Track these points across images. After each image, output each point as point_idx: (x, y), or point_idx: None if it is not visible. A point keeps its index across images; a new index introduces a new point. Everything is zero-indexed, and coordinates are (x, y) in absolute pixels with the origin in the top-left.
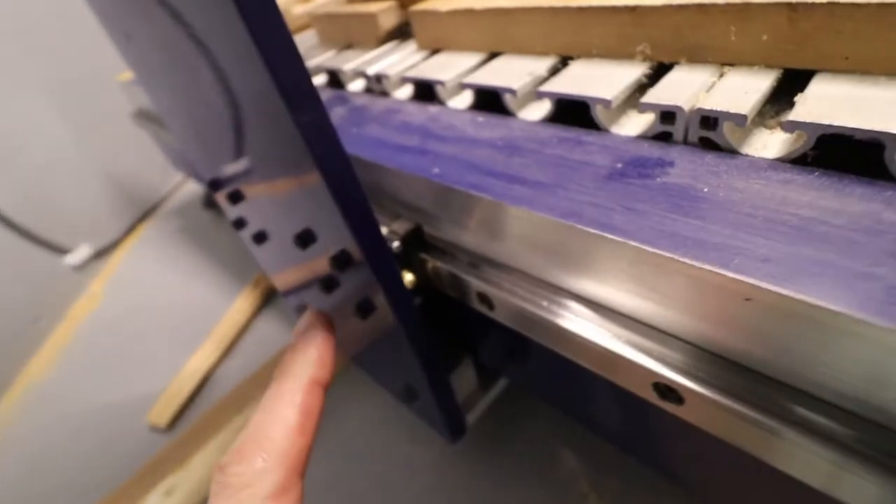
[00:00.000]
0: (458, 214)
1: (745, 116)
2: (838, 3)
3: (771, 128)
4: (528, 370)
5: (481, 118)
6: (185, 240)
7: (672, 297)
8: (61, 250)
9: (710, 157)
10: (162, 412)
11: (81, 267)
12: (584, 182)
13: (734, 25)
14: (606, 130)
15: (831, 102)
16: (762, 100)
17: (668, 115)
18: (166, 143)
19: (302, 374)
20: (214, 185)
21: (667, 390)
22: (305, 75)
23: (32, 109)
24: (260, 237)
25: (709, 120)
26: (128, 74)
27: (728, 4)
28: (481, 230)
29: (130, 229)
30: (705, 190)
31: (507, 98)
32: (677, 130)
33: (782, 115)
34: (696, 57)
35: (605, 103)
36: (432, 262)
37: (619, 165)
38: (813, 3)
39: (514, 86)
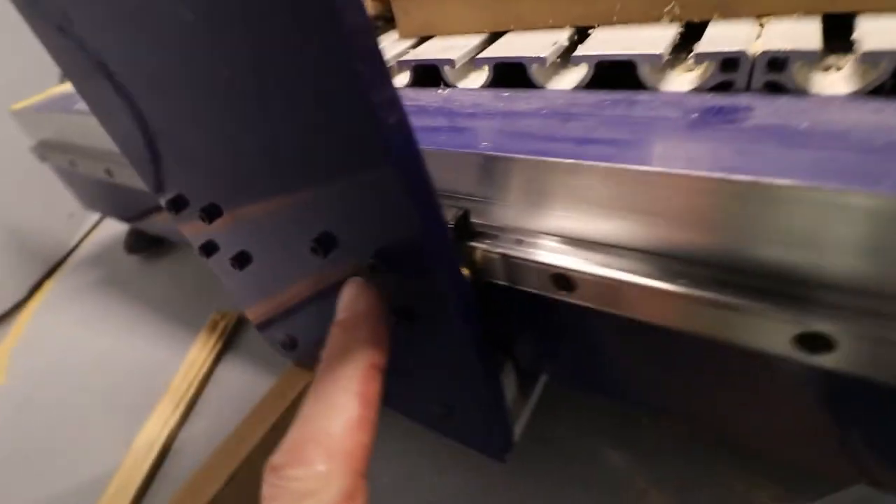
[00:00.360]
0: (523, 188)
1: (816, 52)
2: None
3: (823, 69)
4: (594, 360)
5: (506, 93)
6: (109, 292)
7: (834, 234)
8: None
9: (785, 100)
10: (116, 499)
11: None
12: (668, 134)
13: None
14: (655, 89)
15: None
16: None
17: (728, 62)
18: (83, 175)
19: (359, 356)
20: (177, 203)
21: (812, 339)
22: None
23: None
24: (241, 260)
25: (776, 62)
26: (26, 102)
27: None
28: (557, 202)
29: (35, 288)
30: (805, 125)
31: (535, 69)
32: (740, 77)
33: (826, 58)
34: (730, 11)
35: (656, 59)
36: (483, 251)
37: (695, 116)
38: None
39: (543, 55)
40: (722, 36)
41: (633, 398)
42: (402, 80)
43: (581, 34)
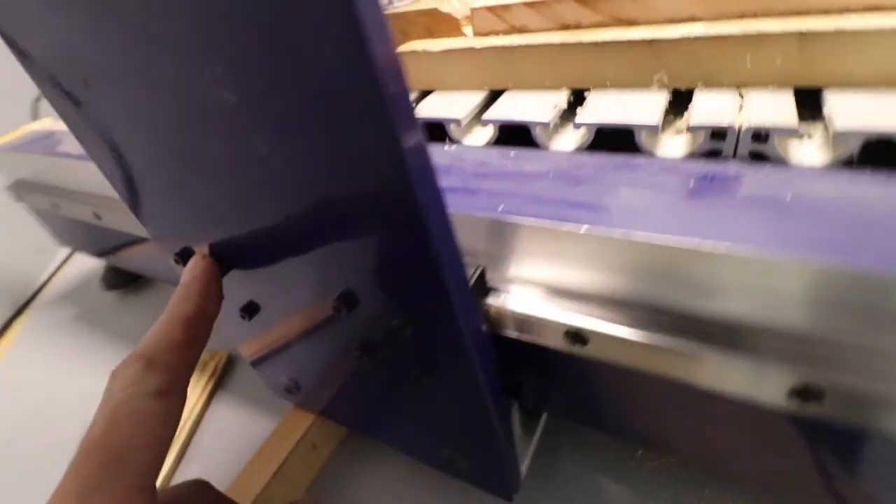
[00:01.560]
0: (538, 250)
1: (795, 129)
2: (842, 31)
3: (797, 137)
4: (599, 406)
5: (512, 153)
6: (88, 330)
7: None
8: None
9: (768, 169)
10: None
11: None
12: (671, 202)
13: (749, 53)
14: (651, 153)
15: (864, 112)
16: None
17: (717, 133)
18: (65, 217)
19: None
20: (185, 256)
21: (810, 393)
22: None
23: None
24: (250, 310)
25: (760, 134)
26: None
27: (744, 35)
28: (571, 264)
29: (3, 328)
30: (788, 198)
31: (539, 131)
32: (727, 146)
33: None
34: (713, 82)
35: (651, 128)
36: (497, 307)
37: (692, 184)
38: (819, 32)
39: (545, 119)
40: (709, 107)
41: (634, 434)
42: None
43: (577, 95)
